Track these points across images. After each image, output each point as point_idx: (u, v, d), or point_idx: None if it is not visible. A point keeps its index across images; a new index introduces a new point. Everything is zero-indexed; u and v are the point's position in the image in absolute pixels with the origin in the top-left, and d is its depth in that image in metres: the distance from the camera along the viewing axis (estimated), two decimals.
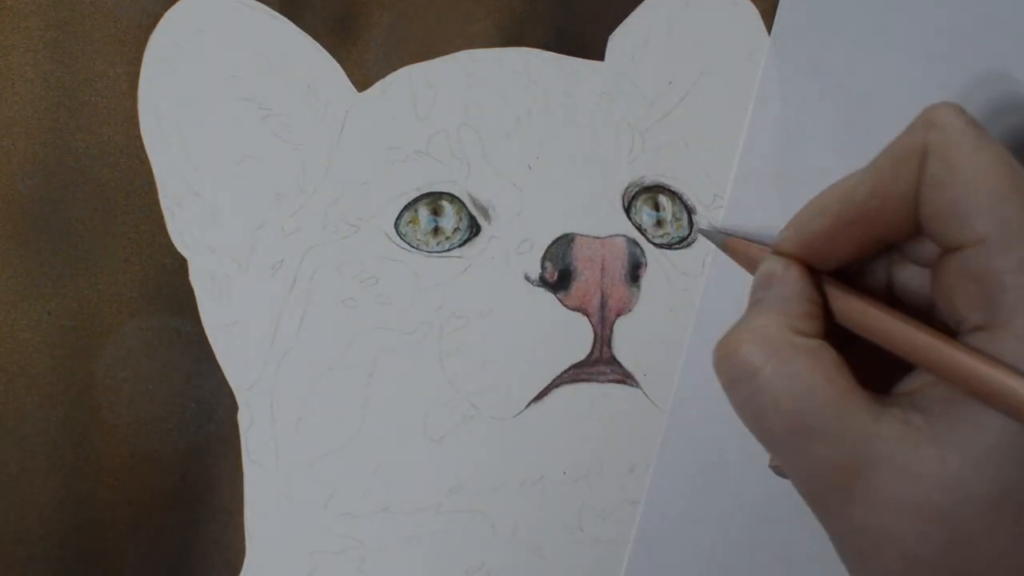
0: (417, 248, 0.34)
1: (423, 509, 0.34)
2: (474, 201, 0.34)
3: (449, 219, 0.34)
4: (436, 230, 0.34)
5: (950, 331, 0.26)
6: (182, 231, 0.34)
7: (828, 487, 0.25)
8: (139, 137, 0.34)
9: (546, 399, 0.34)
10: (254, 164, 0.34)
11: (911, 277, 0.30)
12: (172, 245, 0.34)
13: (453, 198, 0.34)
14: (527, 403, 0.34)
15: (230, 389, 0.34)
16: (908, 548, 0.24)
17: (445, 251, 0.34)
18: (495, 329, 0.34)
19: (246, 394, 0.34)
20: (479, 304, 0.34)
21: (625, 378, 0.34)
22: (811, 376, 0.25)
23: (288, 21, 0.34)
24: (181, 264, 0.34)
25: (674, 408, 0.34)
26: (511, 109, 0.35)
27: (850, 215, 0.27)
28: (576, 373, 0.34)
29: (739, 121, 0.35)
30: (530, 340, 0.34)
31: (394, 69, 0.35)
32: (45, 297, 0.34)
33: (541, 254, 0.34)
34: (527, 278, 0.34)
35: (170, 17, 0.34)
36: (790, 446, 0.26)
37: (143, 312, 0.34)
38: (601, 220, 0.35)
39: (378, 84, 0.35)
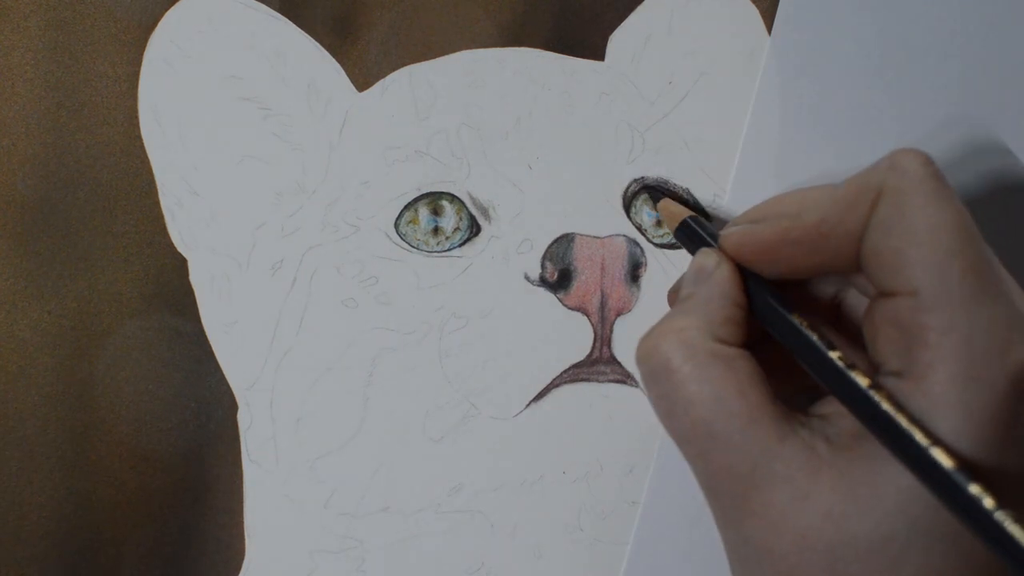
0: (417, 248, 0.34)
1: (423, 509, 0.34)
2: (474, 201, 0.34)
3: (449, 219, 0.34)
4: (436, 230, 0.34)
5: (873, 366, 0.26)
6: (182, 231, 0.34)
7: (726, 494, 0.26)
8: (139, 137, 0.34)
9: (546, 399, 0.34)
10: (254, 164, 0.34)
11: (857, 303, 0.30)
12: (172, 245, 0.34)
13: (453, 198, 0.34)
14: (527, 403, 0.34)
15: (230, 389, 0.34)
16: (787, 570, 0.24)
17: (445, 251, 0.34)
18: (495, 329, 0.34)
19: (246, 394, 0.34)
20: (479, 304, 0.34)
21: (625, 378, 0.34)
22: (723, 386, 0.26)
23: (288, 21, 0.35)
24: (181, 264, 0.34)
25: None
26: (511, 109, 0.35)
27: (795, 235, 0.27)
28: (576, 373, 0.34)
29: (739, 121, 0.35)
30: (530, 340, 0.34)
31: (394, 69, 0.35)
32: (45, 297, 0.34)
33: (541, 254, 0.34)
34: (527, 278, 0.34)
35: (170, 17, 0.34)
36: (695, 448, 0.26)
37: (143, 312, 0.34)
38: (601, 220, 0.35)
39: (378, 84, 0.35)
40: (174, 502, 0.34)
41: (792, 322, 0.27)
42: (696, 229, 0.31)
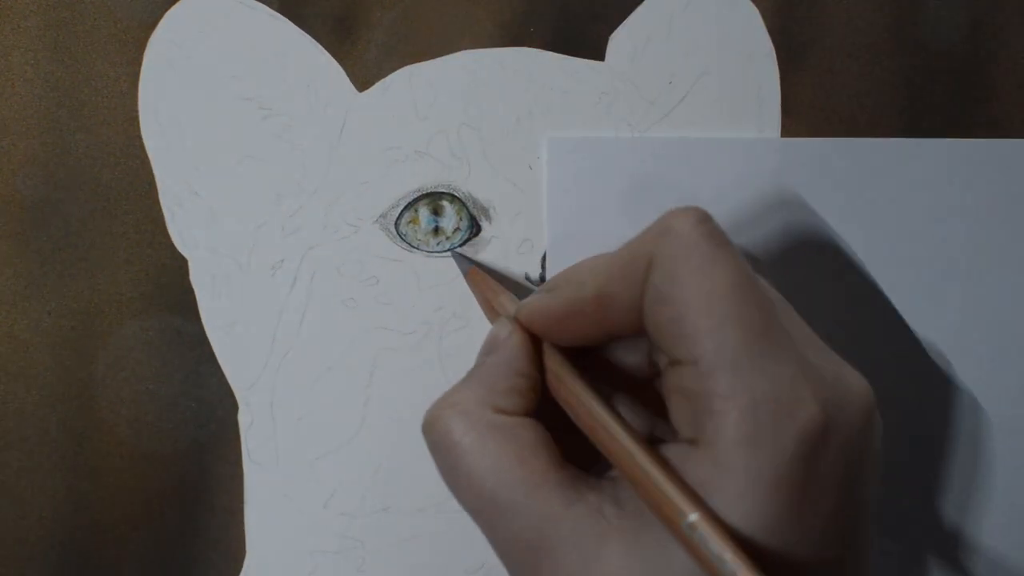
0: (417, 248, 0.34)
1: (423, 509, 0.34)
2: (474, 201, 0.34)
3: (449, 219, 0.34)
4: (436, 230, 0.34)
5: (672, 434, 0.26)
6: (182, 231, 0.34)
7: (519, 563, 0.25)
8: (139, 137, 0.34)
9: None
10: (254, 164, 0.34)
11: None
12: (172, 245, 0.34)
13: (453, 198, 0.34)
14: None
15: (230, 389, 0.34)
16: None
17: (445, 251, 0.34)
18: None
19: (246, 394, 0.34)
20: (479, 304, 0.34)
21: None
22: (502, 456, 0.25)
23: (288, 21, 0.35)
24: (181, 264, 0.34)
25: None
26: (511, 109, 0.35)
27: (579, 307, 0.27)
28: None
29: (739, 120, 0.35)
30: None
31: (394, 69, 0.35)
32: (45, 297, 0.34)
33: (542, 254, 0.34)
34: (527, 278, 0.34)
35: (170, 17, 0.34)
36: (483, 519, 0.26)
37: (143, 312, 0.34)
38: None
39: (378, 84, 0.35)
40: (174, 502, 0.34)
41: (573, 389, 0.27)
42: (503, 302, 0.31)
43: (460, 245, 0.34)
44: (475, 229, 0.34)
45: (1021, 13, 0.36)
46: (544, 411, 0.28)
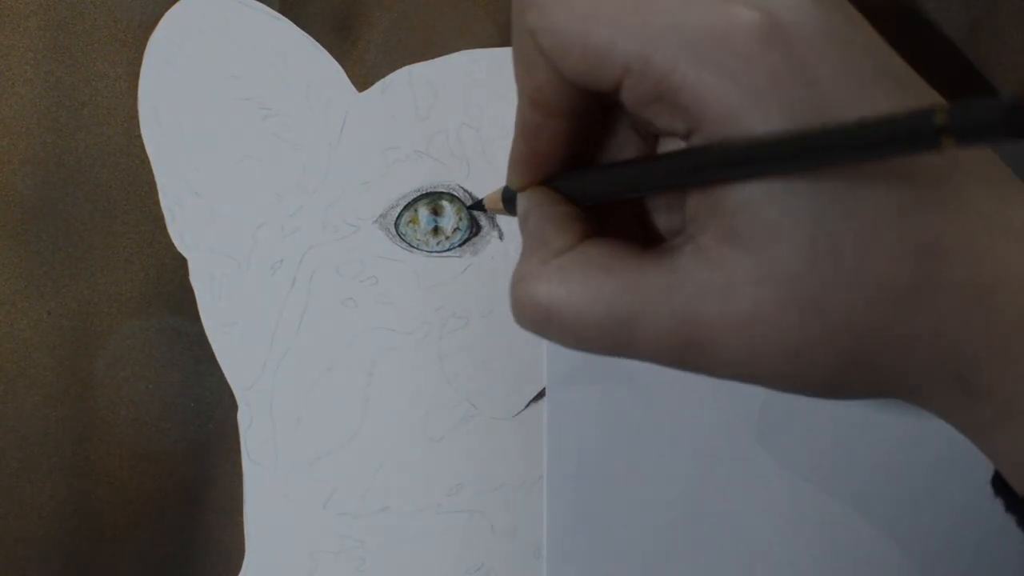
0: (417, 248, 0.34)
1: (423, 509, 0.34)
2: (474, 201, 0.34)
3: (449, 219, 0.34)
4: (436, 230, 0.34)
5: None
6: (182, 231, 0.34)
7: (683, 352, 0.24)
8: (139, 137, 0.34)
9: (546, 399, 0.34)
10: (254, 164, 0.34)
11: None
12: (172, 245, 0.34)
13: (453, 198, 0.34)
14: (527, 403, 0.34)
15: (230, 389, 0.34)
16: (787, 343, 0.23)
17: (445, 251, 0.34)
18: (495, 329, 0.34)
19: (246, 394, 0.34)
20: (479, 304, 0.34)
21: None
22: (590, 281, 0.25)
23: (288, 21, 0.35)
24: (181, 264, 0.34)
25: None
26: (511, 109, 0.35)
27: (533, 125, 0.27)
28: None
29: None
30: (530, 339, 0.34)
31: (394, 69, 0.35)
32: (45, 297, 0.34)
33: None
34: None
35: (170, 17, 0.34)
36: (627, 346, 0.25)
37: (143, 312, 0.34)
38: None
39: (378, 84, 0.35)
40: (174, 502, 0.34)
41: (620, 165, 0.27)
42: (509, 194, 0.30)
43: (460, 245, 0.34)
44: (475, 229, 0.34)
45: (1021, 13, 0.36)
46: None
